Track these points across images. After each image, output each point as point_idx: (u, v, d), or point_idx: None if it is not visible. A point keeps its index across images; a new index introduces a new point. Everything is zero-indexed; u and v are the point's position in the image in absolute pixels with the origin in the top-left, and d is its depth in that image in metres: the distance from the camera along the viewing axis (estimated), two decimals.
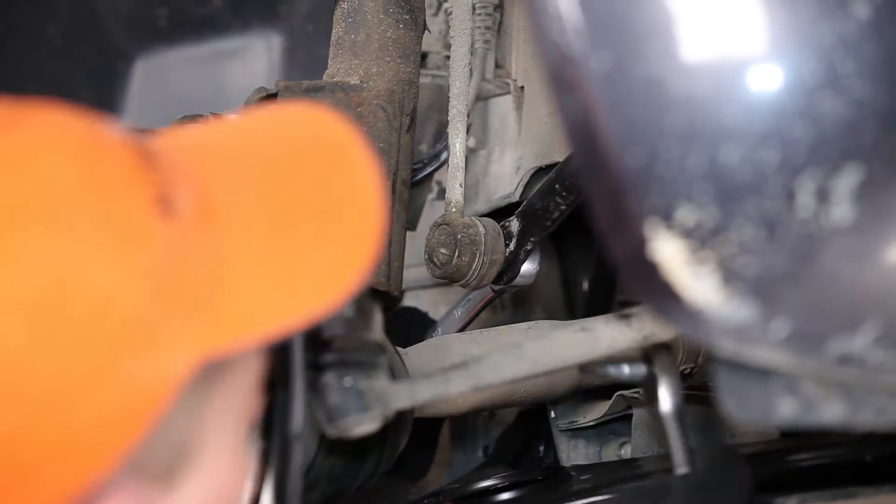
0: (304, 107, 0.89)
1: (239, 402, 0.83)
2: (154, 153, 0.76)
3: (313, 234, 0.81)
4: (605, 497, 1.35)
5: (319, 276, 0.80)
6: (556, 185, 1.53)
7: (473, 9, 1.72)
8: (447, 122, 1.63)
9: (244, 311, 0.76)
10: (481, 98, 1.82)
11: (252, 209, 0.80)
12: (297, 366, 1.05)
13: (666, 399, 1.17)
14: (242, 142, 0.86)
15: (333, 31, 1.58)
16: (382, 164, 1.56)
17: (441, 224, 1.61)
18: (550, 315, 1.83)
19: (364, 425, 1.09)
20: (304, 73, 2.22)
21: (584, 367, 1.25)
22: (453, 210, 1.60)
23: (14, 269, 0.66)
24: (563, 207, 1.54)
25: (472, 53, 1.69)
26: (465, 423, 2.00)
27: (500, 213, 1.71)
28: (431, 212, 1.96)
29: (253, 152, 0.85)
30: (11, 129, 0.72)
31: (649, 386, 1.19)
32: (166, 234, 0.72)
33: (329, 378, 1.09)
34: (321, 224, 0.82)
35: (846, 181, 0.76)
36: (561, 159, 1.59)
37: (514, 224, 1.61)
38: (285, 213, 0.81)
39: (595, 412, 1.63)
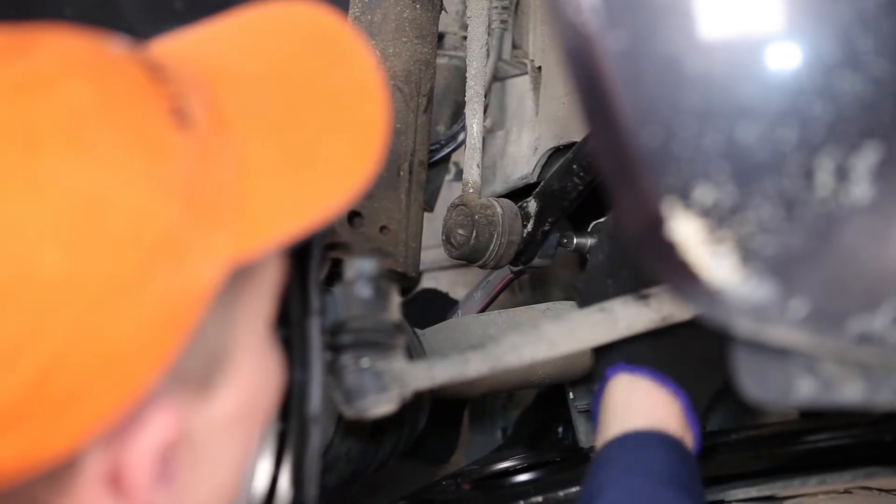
0: (294, 3, 0.89)
1: (264, 303, 0.85)
2: (159, 65, 0.77)
3: (322, 131, 0.83)
4: None
5: (333, 172, 0.81)
6: (574, 166, 1.53)
7: None
8: (464, 102, 1.63)
9: (267, 214, 0.77)
10: (498, 78, 1.82)
11: (259, 112, 0.81)
12: (315, 347, 1.05)
13: None
14: (239, 45, 0.87)
15: (350, 12, 1.58)
16: (399, 145, 1.56)
17: (458, 205, 1.60)
18: (569, 296, 1.82)
19: (381, 406, 1.09)
20: None
21: None
22: (471, 191, 1.60)
23: (45, 194, 0.68)
24: (581, 188, 1.53)
25: (489, 34, 1.68)
26: (484, 405, 2.00)
27: (517, 194, 1.71)
28: (449, 193, 1.96)
29: (250, 55, 0.86)
30: (24, 55, 0.73)
31: None
32: (185, 146, 0.74)
33: (346, 359, 1.09)
34: (328, 119, 0.83)
35: (865, 160, 0.75)
36: (578, 139, 1.59)
37: (532, 205, 1.61)
38: (292, 112, 0.82)
39: None
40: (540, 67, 1.75)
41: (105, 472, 0.74)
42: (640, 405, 1.18)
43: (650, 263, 0.83)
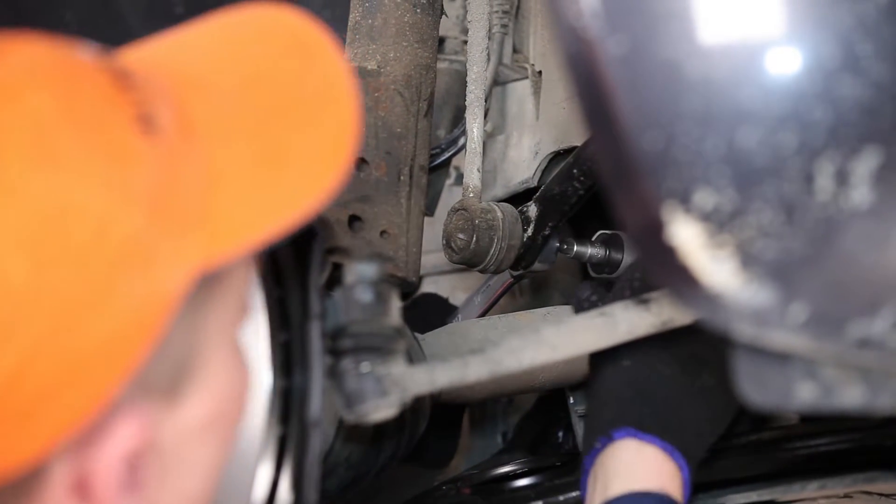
0: (267, 7, 0.89)
1: (233, 310, 0.84)
2: (127, 72, 0.77)
3: (291, 135, 0.82)
4: None
5: (303, 177, 0.81)
6: (574, 170, 1.53)
7: None
8: (465, 107, 1.63)
9: (234, 220, 0.77)
10: (499, 83, 1.82)
11: (229, 118, 0.81)
12: (315, 352, 1.05)
13: None
14: (211, 51, 0.86)
15: (350, 16, 1.58)
16: (399, 149, 1.56)
17: (459, 209, 1.60)
18: (569, 300, 1.82)
19: (382, 411, 1.09)
20: None
21: None
22: (471, 195, 1.60)
23: (9, 202, 0.68)
24: (581, 192, 1.53)
25: (489, 38, 1.68)
26: (484, 409, 2.00)
27: (518, 199, 1.71)
28: (449, 197, 1.95)
29: (222, 60, 0.86)
30: None
31: None
32: (151, 153, 0.74)
33: (347, 364, 1.09)
34: (298, 123, 0.83)
35: (865, 164, 0.75)
36: (579, 144, 1.59)
37: (532, 209, 1.61)
38: (262, 119, 0.82)
39: None
40: (540, 72, 1.76)
41: (72, 480, 0.74)
42: (645, 471, 1.18)
43: (650, 268, 0.83)
